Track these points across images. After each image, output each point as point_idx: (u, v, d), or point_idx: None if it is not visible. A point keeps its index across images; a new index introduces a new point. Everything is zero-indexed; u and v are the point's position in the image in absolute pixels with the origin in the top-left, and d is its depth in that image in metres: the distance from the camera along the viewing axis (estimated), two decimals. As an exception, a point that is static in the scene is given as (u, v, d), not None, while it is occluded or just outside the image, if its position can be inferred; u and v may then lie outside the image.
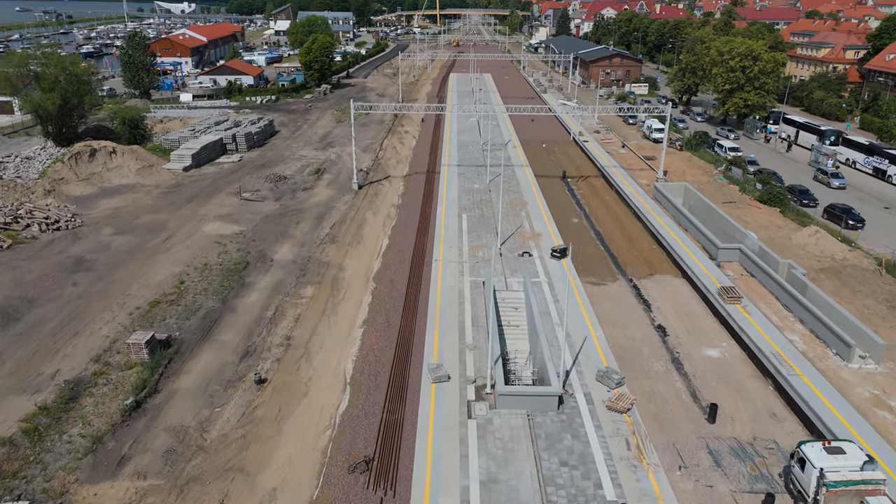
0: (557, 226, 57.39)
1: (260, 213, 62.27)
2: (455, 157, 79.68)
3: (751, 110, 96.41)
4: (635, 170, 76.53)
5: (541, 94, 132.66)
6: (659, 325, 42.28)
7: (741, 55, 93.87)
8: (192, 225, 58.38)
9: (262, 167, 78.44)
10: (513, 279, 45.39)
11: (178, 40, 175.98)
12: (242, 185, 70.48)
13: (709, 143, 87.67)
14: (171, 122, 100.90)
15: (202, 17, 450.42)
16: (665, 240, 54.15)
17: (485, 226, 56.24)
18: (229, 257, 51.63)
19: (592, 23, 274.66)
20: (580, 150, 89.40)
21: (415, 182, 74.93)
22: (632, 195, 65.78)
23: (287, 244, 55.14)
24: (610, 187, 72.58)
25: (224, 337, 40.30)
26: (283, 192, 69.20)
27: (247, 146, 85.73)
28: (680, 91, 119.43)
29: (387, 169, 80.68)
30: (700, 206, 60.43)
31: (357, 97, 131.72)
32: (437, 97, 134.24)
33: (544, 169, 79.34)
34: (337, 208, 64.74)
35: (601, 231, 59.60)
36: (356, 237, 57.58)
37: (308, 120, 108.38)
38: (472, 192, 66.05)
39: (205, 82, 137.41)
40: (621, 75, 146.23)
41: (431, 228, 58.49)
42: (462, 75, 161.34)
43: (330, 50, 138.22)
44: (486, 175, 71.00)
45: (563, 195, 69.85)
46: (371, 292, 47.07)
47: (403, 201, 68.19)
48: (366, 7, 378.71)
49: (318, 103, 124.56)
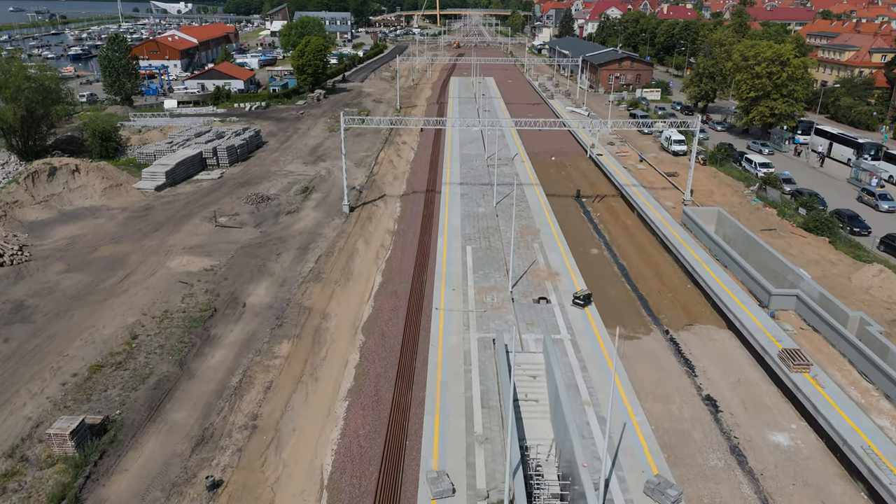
0: (576, 259, 49.86)
1: (236, 243, 54.72)
2: (457, 174, 72.13)
3: (778, 120, 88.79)
4: (657, 189, 68.97)
5: (547, 99, 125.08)
6: (708, 395, 34.74)
7: (768, 60, 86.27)
8: (157, 259, 50.81)
9: (244, 185, 70.88)
10: (529, 335, 37.85)
11: (167, 42, 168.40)
12: (219, 208, 62.90)
13: (735, 156, 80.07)
14: (151, 133, 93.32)
15: (198, 18, 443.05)
16: (701, 278, 46.59)
17: (493, 261, 48.69)
18: (195, 302, 44.06)
19: (597, 23, 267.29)
20: (593, 165, 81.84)
21: (413, 203, 67.37)
22: (657, 220, 58.23)
23: (264, 283, 47.59)
24: (630, 209, 65.03)
25: (176, 415, 32.74)
26: (265, 216, 61.64)
27: (229, 161, 78.17)
28: (696, 97, 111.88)
29: (382, 186, 73.13)
30: (737, 235, 52.89)
31: (352, 103, 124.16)
32: (438, 102, 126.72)
33: (556, 187, 71.79)
34: (324, 236, 57.21)
35: (626, 265, 52.04)
36: (344, 273, 50.03)
37: (299, 129, 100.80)
38: (476, 217, 58.51)
39: (192, 87, 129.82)
40: (631, 79, 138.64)
41: (431, 263, 50.95)
42: (463, 79, 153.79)
43: (324, 53, 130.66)
44: (493, 196, 63.47)
45: (578, 220, 62.26)
46: (359, 349, 39.51)
47: (400, 227, 60.64)
48: (364, 7, 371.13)
49: (311, 110, 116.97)
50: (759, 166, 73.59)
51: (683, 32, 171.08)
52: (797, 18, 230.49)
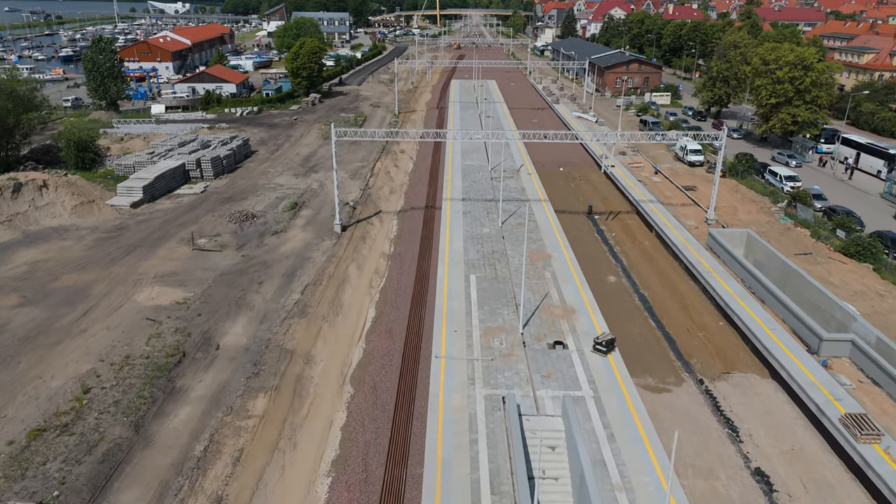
0: (592, 290, 44.49)
1: (215, 270, 49.35)
2: (459, 188, 66.77)
3: (800, 128, 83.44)
4: (675, 205, 63.58)
5: (552, 104, 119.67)
6: (758, 469, 29.36)
7: (790, 64, 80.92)
8: (123, 291, 45.41)
9: (228, 200, 65.49)
10: (545, 392, 32.47)
11: (158, 44, 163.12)
12: (199, 228, 57.51)
13: (757, 168, 74.67)
14: (133, 141, 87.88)
15: (195, 18, 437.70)
16: (736, 314, 41.20)
17: (500, 294, 43.30)
18: (161, 344, 38.69)
19: (600, 24, 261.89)
20: (605, 177, 76.46)
21: (411, 221, 62.00)
22: (679, 243, 52.82)
23: (242, 319, 42.23)
24: (647, 228, 59.67)
25: (125, 497, 27.38)
26: (249, 237, 56.25)
27: (214, 173, 72.77)
28: (709, 102, 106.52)
29: (378, 201, 67.76)
30: (771, 261, 47.55)
31: (349, 108, 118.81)
32: (438, 107, 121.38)
33: (566, 202, 66.43)
34: (313, 260, 51.84)
35: (648, 296, 46.66)
36: (333, 306, 44.66)
37: (291, 137, 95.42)
38: (481, 239, 53.14)
39: (181, 91, 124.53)
40: (639, 83, 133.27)
41: (430, 295, 45.59)
42: (464, 82, 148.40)
43: (319, 56, 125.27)
44: (498, 214, 58.11)
45: (593, 242, 56.88)
46: (346, 405, 34.13)
47: (396, 249, 55.26)
48: (364, 7, 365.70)
49: (305, 115, 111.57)
50: (784, 180, 68.18)
51: (692, 34, 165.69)
52: (806, 19, 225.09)
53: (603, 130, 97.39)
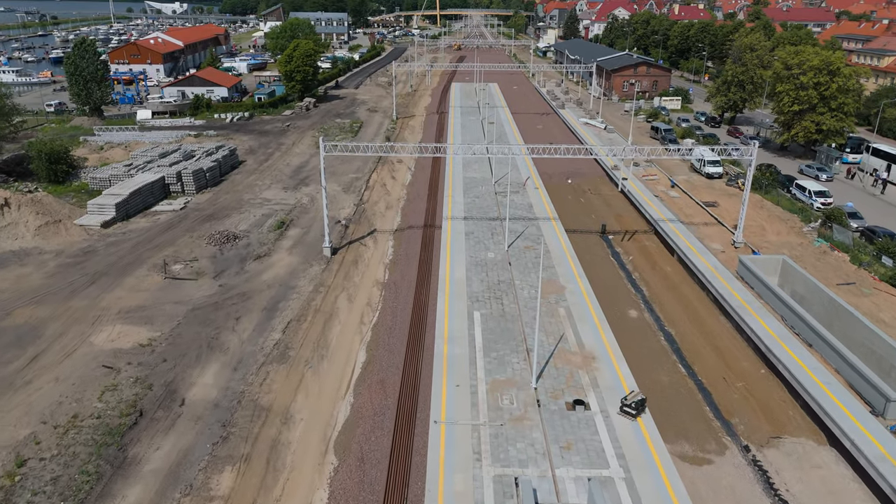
0: (612, 328, 39.16)
1: (187, 303, 44.00)
2: (461, 205, 61.43)
3: (824, 136, 78.10)
4: (697, 224, 58.22)
5: (557, 109, 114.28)
6: (828, 574, 24.03)
7: (815, 69, 75.58)
8: (81, 331, 40.09)
9: (209, 219, 60.16)
10: (565, 471, 27.10)
11: (148, 45, 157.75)
12: (174, 252, 52.16)
13: (781, 181, 69.30)
14: (113, 151, 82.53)
15: (192, 18, 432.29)
16: (779, 359, 35.85)
17: (508, 335, 37.96)
18: (117, 399, 33.37)
19: (604, 24, 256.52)
20: (617, 190, 71.11)
21: (408, 242, 56.65)
22: (706, 270, 47.43)
23: (214, 365, 36.91)
24: (668, 250, 54.33)
25: None
26: (229, 262, 50.90)
27: (196, 187, 67.39)
28: (723, 107, 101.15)
29: (372, 218, 62.43)
30: (812, 294, 42.23)
31: (344, 113, 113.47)
32: (438, 112, 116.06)
33: (577, 220, 61.10)
34: (298, 290, 46.50)
35: (675, 335, 41.31)
36: (318, 348, 39.33)
37: (282, 145, 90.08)
38: (485, 266, 47.79)
39: (170, 95, 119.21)
40: (647, 86, 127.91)
41: (429, 336, 40.23)
42: (465, 85, 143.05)
43: (314, 58, 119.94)
44: (504, 236, 52.79)
45: (609, 268, 51.48)
46: (328, 481, 28.74)
47: (391, 277, 49.87)
48: (363, 7, 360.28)
49: (298, 122, 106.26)
50: (814, 195, 62.81)
51: (700, 35, 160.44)
52: (815, 19, 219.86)
53: (612, 138, 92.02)
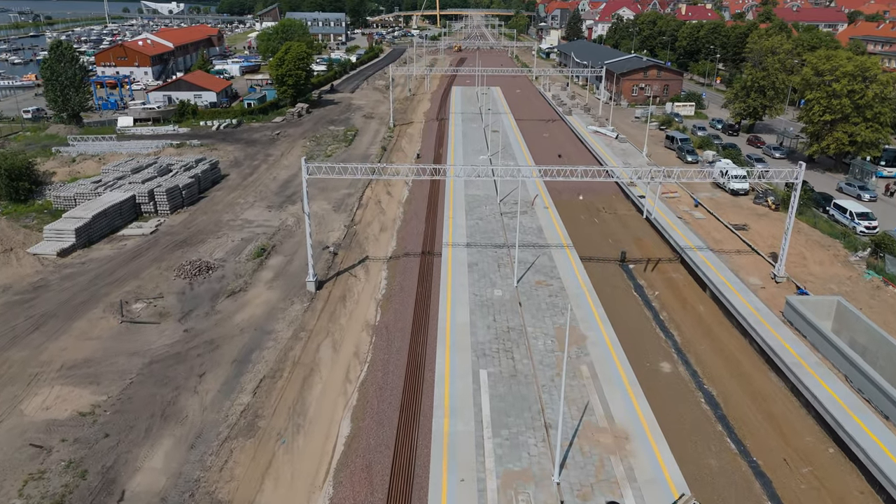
0: (644, 390, 32.83)
1: (144, 354, 37.65)
2: (462, 228, 55.09)
3: (858, 148, 71.75)
4: (728, 252, 51.78)
5: (564, 115, 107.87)
6: None
7: (849, 76, 69.23)
8: (12, 394, 33.69)
9: (182, 245, 53.79)
10: None
11: (136, 47, 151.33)
12: (137, 288, 45.79)
13: (816, 199, 62.93)
14: (85, 163, 76.14)
15: (188, 18, 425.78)
16: (850, 436, 29.50)
17: (522, 404, 31.58)
18: (41, 493, 27.00)
19: (608, 25, 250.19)
20: (634, 209, 64.75)
21: (404, 273, 50.25)
22: (746, 312, 41.05)
23: (167, 441, 30.54)
24: (698, 283, 47.97)
25: None
26: (199, 300, 44.53)
27: (170, 207, 60.98)
28: (742, 114, 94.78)
29: (365, 243, 56.08)
30: (877, 344, 35.89)
31: (338, 119, 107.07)
32: (438, 119, 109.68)
33: (593, 246, 54.72)
34: (275, 336, 40.16)
35: (717, 396, 34.92)
36: (294, 415, 32.98)
37: (270, 156, 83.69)
38: (491, 306, 41.44)
39: (154, 101, 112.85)
40: (658, 91, 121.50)
41: (427, 405, 33.82)
42: (466, 89, 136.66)
43: (306, 61, 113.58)
44: (513, 268, 46.45)
45: (633, 307, 45.05)
46: None
47: (384, 318, 43.46)
48: (361, 7, 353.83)
49: (289, 129, 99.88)
50: (857, 218, 56.42)
51: (710, 36, 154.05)
52: (826, 19, 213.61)
53: (625, 148, 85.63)
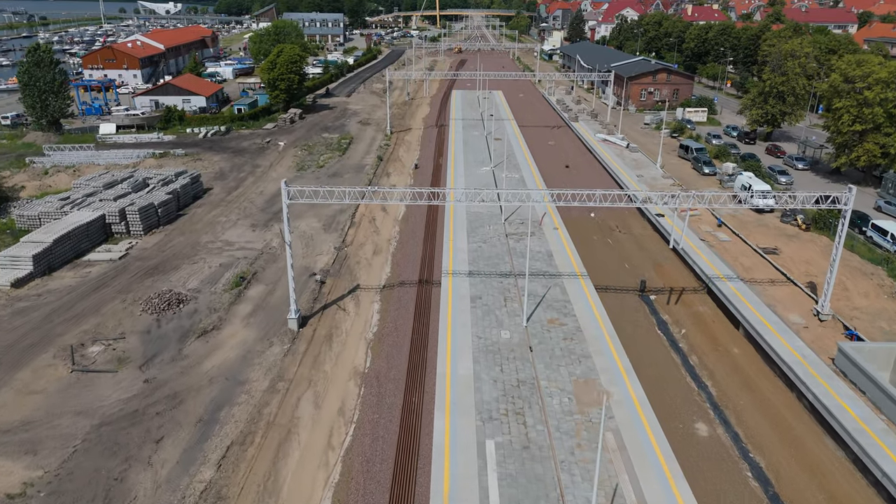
0: (680, 461, 27.52)
1: (94, 413, 32.30)
2: (464, 252, 49.79)
3: (890, 161, 66.43)
4: (762, 283, 46.40)
5: (570, 122, 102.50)
6: None
7: (882, 83, 63.91)
8: (-73, 470, 28.42)
9: (153, 272, 48.45)
10: None
11: (125, 49, 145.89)
12: (96, 326, 40.44)
13: (851, 218, 57.41)
14: (58, 176, 70.81)
15: (185, 18, 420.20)
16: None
17: (538, 490, 26.22)
18: None
19: (611, 26, 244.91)
20: (651, 228, 59.40)
21: (399, 307, 44.89)
22: (792, 360, 35.69)
23: (109, 533, 25.23)
24: (727, 317, 42.62)
25: None
26: (166, 341, 39.19)
27: (144, 227, 55.62)
28: (759, 121, 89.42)
29: (356, 269, 50.74)
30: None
31: (333, 126, 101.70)
32: (437, 125, 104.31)
33: (608, 273, 49.37)
34: (248, 388, 34.83)
35: (767, 470, 29.53)
36: (266, 495, 27.64)
37: (258, 167, 78.32)
38: (498, 352, 36.11)
39: (141, 105, 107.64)
40: (668, 95, 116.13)
41: (423, 489, 28.43)
42: (467, 93, 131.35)
43: (299, 64, 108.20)
44: (521, 304, 41.12)
45: (658, 349, 39.64)
46: None
47: (374, 364, 38.08)
48: (360, 7, 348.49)
49: (281, 137, 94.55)
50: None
51: (719, 38, 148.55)
52: (836, 20, 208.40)
53: (637, 159, 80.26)
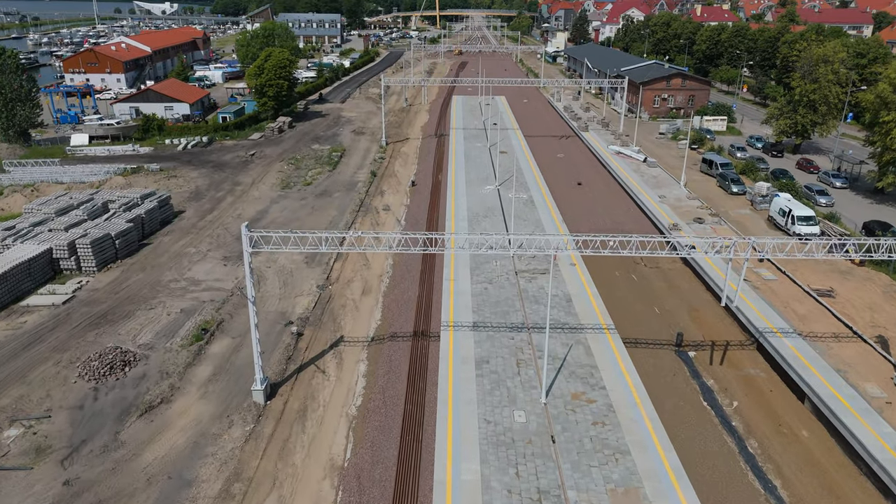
0: None
1: (-8, 535, 24.96)
2: (468, 296, 42.42)
3: (946, 182, 59.13)
4: (823, 337, 38.92)
5: (580, 132, 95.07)
6: None
7: (939, 93, 56.59)
8: None
9: (100, 321, 41.05)
10: None
11: (108, 52, 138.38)
12: (19, 399, 33.00)
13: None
14: (13, 198, 63.34)
15: (181, 18, 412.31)
16: None
17: None
18: None
19: (616, 27, 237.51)
20: (681, 261, 51.92)
21: (389, 367, 37.42)
22: (885, 457, 28.31)
23: None
24: (787, 384, 35.23)
25: None
26: (101, 421, 31.76)
27: (97, 262, 48.10)
28: (787, 131, 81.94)
29: (341, 314, 43.35)
30: None
31: (324, 136, 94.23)
32: (437, 135, 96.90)
33: (637, 320, 41.95)
34: (195, 491, 27.40)
35: None
36: None
37: (239, 185, 70.88)
38: (511, 446, 28.69)
39: (120, 113, 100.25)
40: (682, 101, 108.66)
41: None
42: (468, 98, 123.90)
43: (289, 69, 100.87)
44: (539, 375, 33.69)
45: (711, 434, 32.06)
46: None
47: (357, 454, 30.60)
48: (359, 7, 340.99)
49: (267, 148, 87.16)
50: (978, 283, 43.66)
51: (734, 40, 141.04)
52: (851, 21, 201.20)
53: (657, 175, 72.74)
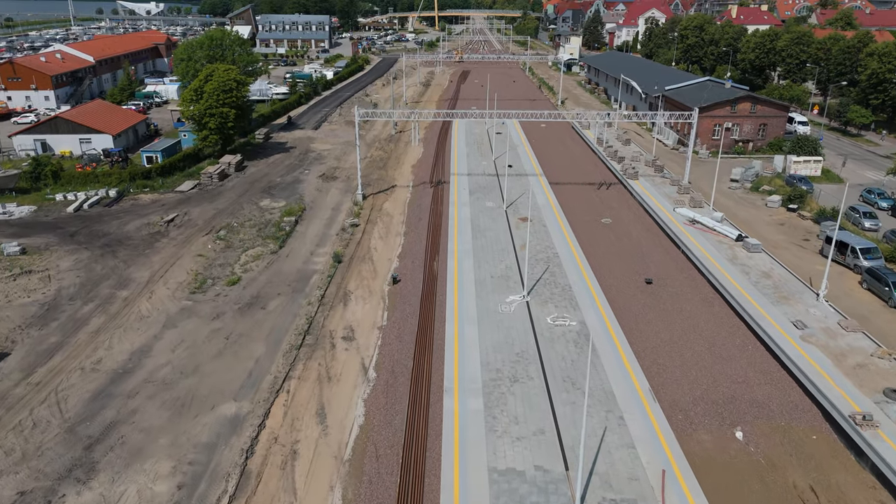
0: None
1: None
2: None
3: None
4: None
5: (627, 180, 70.16)
6: None
7: None
8: None
9: None
10: None
11: (32, 65, 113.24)
12: None
13: None
14: None
15: (167, 19, 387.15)
16: None
17: None
18: None
19: (634, 29, 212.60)
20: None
21: None
22: None
23: None
24: None
25: None
26: None
27: None
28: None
29: None
30: None
31: (281, 183, 68.24)
32: (432, 182, 72.06)
33: None
34: None
35: None
36: None
37: (128, 285, 45.86)
38: None
39: (21, 148, 75.75)
40: (751, 132, 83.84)
41: None
42: (472, 125, 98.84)
43: (237, 93, 76.24)
44: None
45: None
46: None
47: None
48: (352, 8, 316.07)
49: (196, 207, 62.27)
50: None
51: (793, 48, 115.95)
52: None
53: (770, 273, 47.18)
